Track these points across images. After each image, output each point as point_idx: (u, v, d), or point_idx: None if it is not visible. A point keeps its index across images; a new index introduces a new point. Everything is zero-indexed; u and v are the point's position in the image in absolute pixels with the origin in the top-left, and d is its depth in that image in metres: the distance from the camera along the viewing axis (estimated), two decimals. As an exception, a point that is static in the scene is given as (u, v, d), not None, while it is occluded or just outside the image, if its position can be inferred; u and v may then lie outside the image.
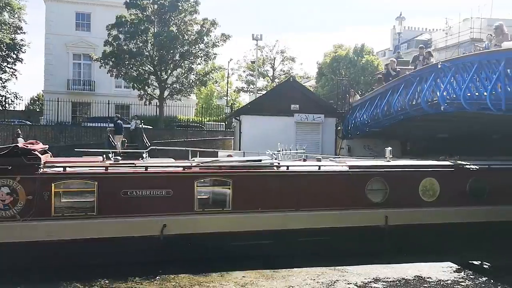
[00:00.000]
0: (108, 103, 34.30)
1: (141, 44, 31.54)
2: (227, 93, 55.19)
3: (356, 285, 9.24)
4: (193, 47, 32.40)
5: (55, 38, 41.60)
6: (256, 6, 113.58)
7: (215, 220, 10.62)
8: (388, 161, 12.96)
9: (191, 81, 33.93)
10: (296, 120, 23.92)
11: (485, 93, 12.24)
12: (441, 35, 48.99)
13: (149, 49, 31.82)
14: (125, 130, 27.12)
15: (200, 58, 33.18)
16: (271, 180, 11.22)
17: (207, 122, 38.72)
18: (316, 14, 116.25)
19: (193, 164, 11.09)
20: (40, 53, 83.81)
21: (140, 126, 28.06)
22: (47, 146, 11.82)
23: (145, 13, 31.72)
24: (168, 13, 31.73)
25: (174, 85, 33.33)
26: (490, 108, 12.12)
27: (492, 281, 9.61)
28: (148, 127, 30.45)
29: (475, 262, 11.21)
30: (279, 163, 11.72)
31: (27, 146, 9.82)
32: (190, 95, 37.00)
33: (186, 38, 31.83)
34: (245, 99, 58.61)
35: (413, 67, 18.20)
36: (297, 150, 15.61)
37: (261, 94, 39.49)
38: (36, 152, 9.76)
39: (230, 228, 10.53)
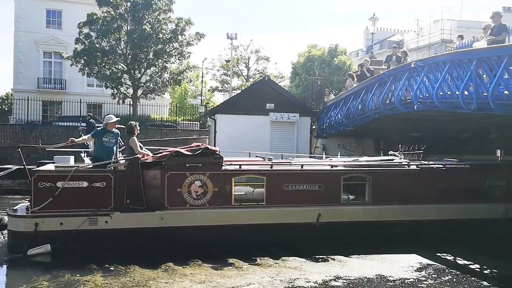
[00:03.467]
0: (80, 102, 33.67)
1: (113, 42, 31.03)
2: (201, 92, 54.87)
3: (316, 283, 9.06)
4: (167, 45, 32.10)
5: (24, 35, 40.66)
6: (231, 6, 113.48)
7: (357, 211, 12.24)
8: (501, 159, 14.21)
9: (165, 80, 33.56)
10: (271, 119, 23.93)
11: (457, 92, 12.49)
12: (413, 36, 49.85)
13: (122, 48, 31.33)
14: (97, 129, 26.64)
15: (174, 57, 32.84)
16: (403, 177, 12.65)
17: (181, 122, 38.39)
18: (290, 14, 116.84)
19: (338, 163, 12.75)
20: (9, 51, 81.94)
21: (113, 125, 27.51)
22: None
23: (117, 11, 31.25)
24: (141, 11, 31.27)
25: (148, 84, 32.92)
26: (462, 106, 12.38)
27: (454, 279, 9.48)
28: (121, 126, 29.95)
29: (438, 258, 11.21)
30: (408, 162, 13.07)
31: (212, 148, 11.71)
32: (164, 94, 36.66)
33: (160, 36, 31.50)
34: (219, 98, 58.42)
35: (386, 67, 18.43)
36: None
37: (235, 94, 39.37)
38: (219, 153, 11.61)
39: (369, 217, 12.10)
